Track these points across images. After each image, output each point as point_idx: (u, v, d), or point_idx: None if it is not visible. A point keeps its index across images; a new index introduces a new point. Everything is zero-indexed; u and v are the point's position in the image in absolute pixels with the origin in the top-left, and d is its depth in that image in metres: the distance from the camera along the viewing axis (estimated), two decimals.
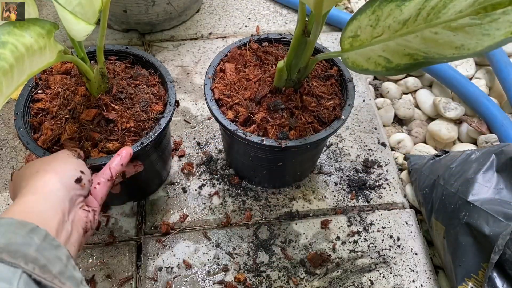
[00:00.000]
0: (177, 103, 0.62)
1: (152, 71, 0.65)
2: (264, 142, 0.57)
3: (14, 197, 0.46)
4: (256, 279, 0.66)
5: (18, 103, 0.58)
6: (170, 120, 0.59)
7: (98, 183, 0.51)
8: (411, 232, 0.72)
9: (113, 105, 0.58)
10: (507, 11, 0.35)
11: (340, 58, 0.60)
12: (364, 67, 0.48)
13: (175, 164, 0.78)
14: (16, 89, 0.38)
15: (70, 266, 0.35)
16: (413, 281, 0.67)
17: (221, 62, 0.67)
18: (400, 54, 0.44)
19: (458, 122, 0.86)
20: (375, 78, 0.98)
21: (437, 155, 0.74)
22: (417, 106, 0.92)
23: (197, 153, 0.79)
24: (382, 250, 0.70)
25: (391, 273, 0.67)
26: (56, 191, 0.42)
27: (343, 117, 0.60)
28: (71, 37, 0.49)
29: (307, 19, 0.53)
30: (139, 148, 0.55)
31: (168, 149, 0.70)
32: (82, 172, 0.47)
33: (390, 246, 0.70)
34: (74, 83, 0.60)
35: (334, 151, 0.81)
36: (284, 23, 1.04)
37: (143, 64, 0.66)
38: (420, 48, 0.42)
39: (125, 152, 0.54)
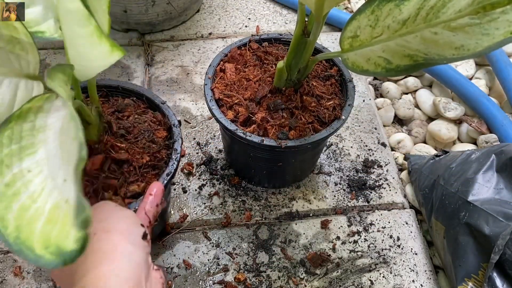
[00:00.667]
0: (179, 123, 0.58)
1: (135, 98, 0.60)
2: (264, 142, 0.57)
3: (62, 277, 0.36)
4: (256, 279, 0.66)
5: None
6: (182, 142, 0.56)
7: None
8: (411, 232, 0.72)
9: (119, 144, 0.51)
10: (506, 10, 0.35)
11: (340, 58, 0.60)
12: (364, 68, 0.48)
13: None
14: None
15: None
16: (413, 281, 0.67)
17: (221, 62, 0.67)
18: (400, 55, 0.44)
19: (458, 122, 0.86)
20: (375, 78, 0.98)
21: (437, 155, 0.74)
22: (417, 106, 0.92)
23: (197, 153, 0.79)
24: (382, 250, 0.70)
25: (391, 273, 0.67)
26: (131, 254, 0.34)
27: (343, 117, 0.60)
28: (75, 78, 0.40)
29: (307, 19, 0.53)
30: (167, 180, 0.50)
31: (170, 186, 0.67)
32: (142, 225, 0.38)
33: (390, 246, 0.70)
34: None
35: (334, 151, 0.81)
36: (284, 23, 1.04)
37: (121, 93, 0.60)
38: (420, 49, 0.41)
39: (157, 189, 0.44)
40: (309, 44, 0.53)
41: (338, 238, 0.71)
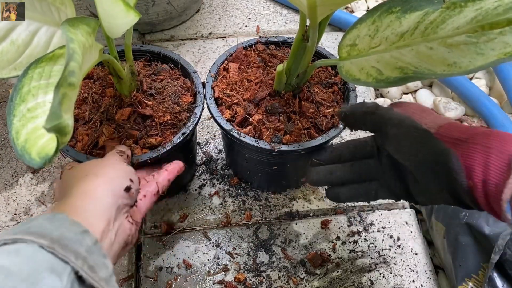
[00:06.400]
0: (203, 84, 0.63)
1: (172, 65, 0.65)
2: (257, 144, 0.56)
3: (61, 197, 0.45)
4: (256, 279, 0.66)
5: None
6: (203, 108, 0.60)
7: (144, 196, 0.50)
8: (411, 232, 0.72)
9: (146, 101, 0.58)
10: (504, 31, 0.34)
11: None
12: (356, 77, 0.47)
13: None
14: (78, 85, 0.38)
15: (113, 280, 0.35)
16: (413, 281, 0.67)
17: (226, 61, 0.67)
18: (391, 67, 0.43)
19: (458, 122, 0.86)
20: None
21: None
22: None
23: (197, 153, 0.79)
24: (382, 250, 0.70)
25: (391, 273, 0.68)
26: (105, 197, 0.41)
27: (340, 126, 0.59)
28: (107, 35, 0.48)
29: (308, 24, 0.53)
30: (181, 138, 0.56)
31: (195, 141, 0.71)
32: (131, 180, 0.45)
33: (390, 246, 0.70)
34: (100, 86, 0.59)
35: None
36: (284, 23, 1.04)
37: (162, 59, 0.66)
38: (412, 62, 0.41)
39: (173, 167, 0.54)
40: (308, 49, 0.52)
41: (338, 238, 0.71)
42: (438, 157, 0.41)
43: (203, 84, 0.62)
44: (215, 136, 0.82)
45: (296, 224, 0.72)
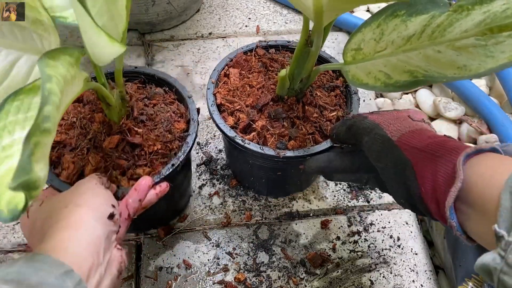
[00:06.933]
0: (197, 111, 0.60)
1: (167, 89, 0.62)
2: (262, 150, 0.56)
3: (34, 236, 0.42)
4: (256, 279, 0.66)
5: None
6: (196, 137, 0.57)
7: None
8: (411, 232, 0.72)
9: (136, 129, 0.54)
10: None
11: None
12: (364, 81, 0.47)
13: None
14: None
15: None
16: (413, 281, 0.67)
17: (226, 66, 0.66)
18: (400, 71, 0.43)
19: (458, 122, 0.86)
20: None
21: None
22: (417, 106, 0.92)
23: (197, 153, 0.79)
24: (382, 250, 0.70)
25: (391, 273, 0.67)
26: (92, 228, 0.38)
27: None
28: (94, 63, 0.44)
29: (311, 28, 0.53)
30: (170, 170, 0.52)
31: (191, 168, 0.67)
32: (113, 205, 0.42)
33: (390, 246, 0.70)
34: (89, 110, 0.57)
35: None
36: (284, 23, 1.04)
37: (156, 82, 0.63)
38: (420, 65, 0.41)
39: (143, 185, 0.47)
40: (311, 54, 0.52)
41: (338, 238, 0.71)
42: (397, 164, 0.43)
43: (198, 110, 0.60)
44: (215, 136, 0.82)
45: (296, 224, 0.72)
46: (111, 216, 0.41)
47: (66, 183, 0.51)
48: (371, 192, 0.76)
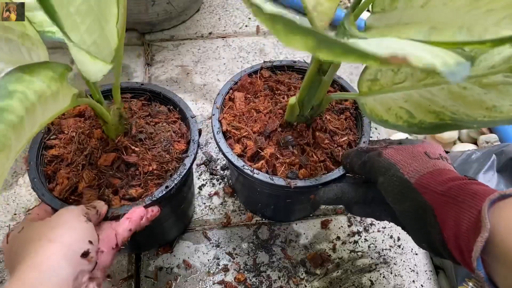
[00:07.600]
0: (199, 132, 0.57)
1: (171, 107, 0.61)
2: (272, 181, 0.53)
3: (10, 264, 0.41)
4: (256, 279, 0.66)
5: (30, 151, 0.53)
6: (194, 159, 0.55)
7: (102, 251, 0.43)
8: None
9: (133, 148, 0.53)
10: None
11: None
12: (384, 118, 0.44)
13: None
14: (28, 142, 0.34)
15: None
16: (414, 281, 0.67)
17: (231, 90, 0.63)
18: (424, 110, 0.40)
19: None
20: None
21: None
22: None
23: (198, 154, 0.79)
24: (383, 250, 0.70)
25: (391, 273, 0.67)
26: (60, 269, 0.37)
27: None
28: (86, 79, 0.44)
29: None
30: (164, 193, 0.50)
31: (192, 189, 0.66)
32: (90, 242, 0.41)
33: (391, 246, 0.70)
34: (89, 125, 0.55)
35: None
36: None
37: (161, 100, 0.61)
38: (446, 106, 0.37)
39: (136, 215, 0.46)
40: (324, 83, 0.49)
41: (338, 238, 0.71)
42: (417, 209, 0.42)
43: (200, 131, 0.57)
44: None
45: (296, 224, 0.72)
46: (84, 255, 0.39)
47: (58, 198, 0.50)
48: None
